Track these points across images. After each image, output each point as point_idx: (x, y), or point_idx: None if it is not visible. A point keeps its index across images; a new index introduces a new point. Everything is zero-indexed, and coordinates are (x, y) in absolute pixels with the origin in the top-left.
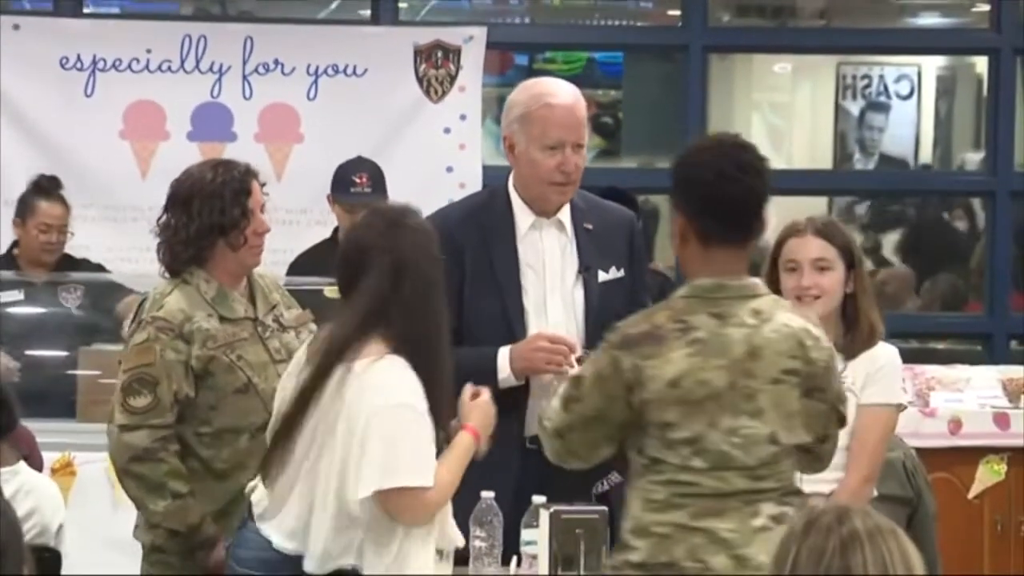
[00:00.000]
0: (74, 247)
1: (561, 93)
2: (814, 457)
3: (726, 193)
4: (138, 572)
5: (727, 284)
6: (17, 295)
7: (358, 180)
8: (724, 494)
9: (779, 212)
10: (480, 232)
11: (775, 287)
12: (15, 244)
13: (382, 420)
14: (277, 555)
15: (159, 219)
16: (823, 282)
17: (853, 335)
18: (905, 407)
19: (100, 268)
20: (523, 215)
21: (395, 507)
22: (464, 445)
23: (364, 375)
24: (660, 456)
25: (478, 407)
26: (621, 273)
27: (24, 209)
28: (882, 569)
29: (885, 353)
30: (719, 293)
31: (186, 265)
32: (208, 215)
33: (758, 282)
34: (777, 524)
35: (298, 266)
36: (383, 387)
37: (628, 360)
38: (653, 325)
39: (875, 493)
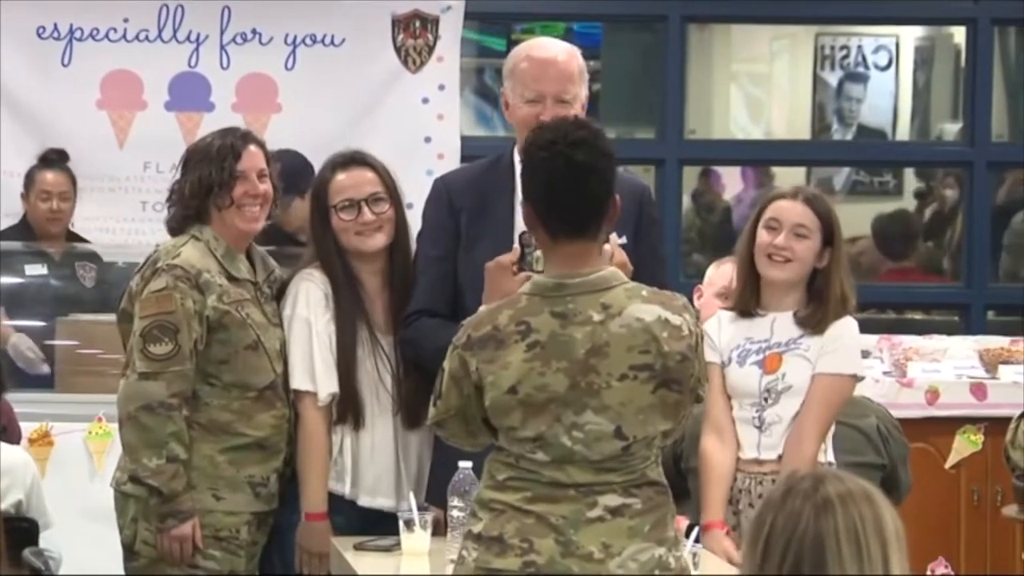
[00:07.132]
0: None
1: (546, 47)
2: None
3: (562, 197)
4: (114, 541)
5: (568, 283)
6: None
7: None
8: (563, 484)
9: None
10: (480, 194)
11: (751, 245)
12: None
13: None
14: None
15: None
16: (797, 247)
17: (822, 308)
18: (861, 378)
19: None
20: None
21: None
22: (307, 501)
23: None
24: (506, 446)
25: (319, 532)
26: (623, 240)
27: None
28: (853, 535)
29: (842, 324)
30: (560, 292)
31: (184, 224)
32: (197, 174)
33: (610, 273)
34: (615, 516)
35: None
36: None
37: (473, 362)
38: (494, 326)
39: (831, 460)
